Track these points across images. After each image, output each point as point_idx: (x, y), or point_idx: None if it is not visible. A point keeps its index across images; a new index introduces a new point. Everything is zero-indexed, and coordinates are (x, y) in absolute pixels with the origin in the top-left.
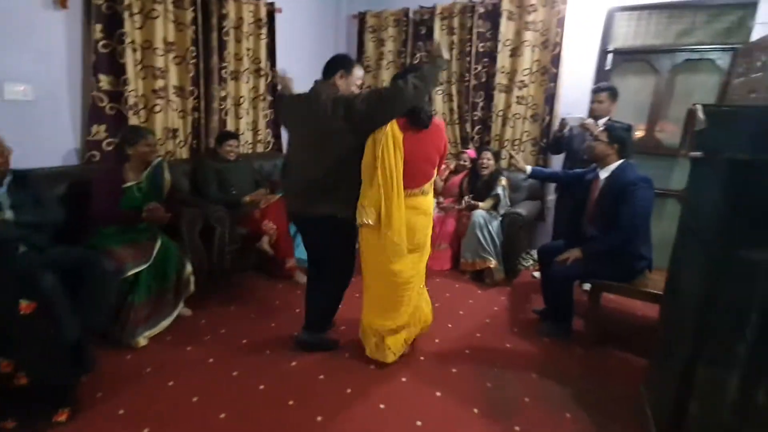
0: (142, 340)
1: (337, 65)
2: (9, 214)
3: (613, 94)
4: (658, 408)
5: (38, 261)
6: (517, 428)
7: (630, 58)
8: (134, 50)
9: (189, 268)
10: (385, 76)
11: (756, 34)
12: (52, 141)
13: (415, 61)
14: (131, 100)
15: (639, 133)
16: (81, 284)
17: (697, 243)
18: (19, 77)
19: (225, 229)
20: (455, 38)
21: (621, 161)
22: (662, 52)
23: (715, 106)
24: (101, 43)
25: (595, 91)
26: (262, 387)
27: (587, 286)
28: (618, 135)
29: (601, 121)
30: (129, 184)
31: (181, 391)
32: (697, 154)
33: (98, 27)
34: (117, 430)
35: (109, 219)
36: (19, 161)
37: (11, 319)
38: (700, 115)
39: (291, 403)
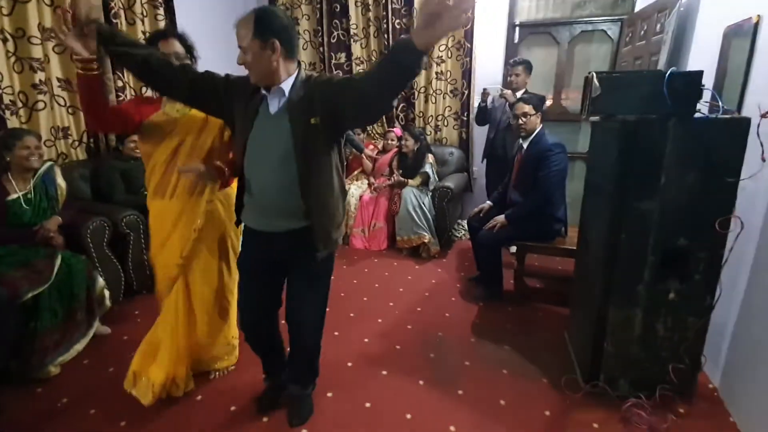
0: (54, 369)
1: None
2: None
3: (528, 67)
4: (579, 350)
5: None
6: (460, 392)
7: (534, 31)
8: (4, 41)
9: (101, 282)
10: (304, 58)
11: (639, 5)
12: None
13: (333, 41)
14: (6, 98)
15: (548, 102)
16: None
17: (600, 198)
18: None
19: (140, 235)
20: (371, 15)
21: (539, 129)
22: (561, 24)
23: (608, 73)
24: None
25: (512, 65)
26: (198, 398)
27: (513, 249)
28: (538, 103)
29: (519, 93)
30: (13, 196)
31: (106, 418)
32: (595, 118)
33: None
34: None
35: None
36: None
37: None
38: (596, 82)
39: (233, 408)
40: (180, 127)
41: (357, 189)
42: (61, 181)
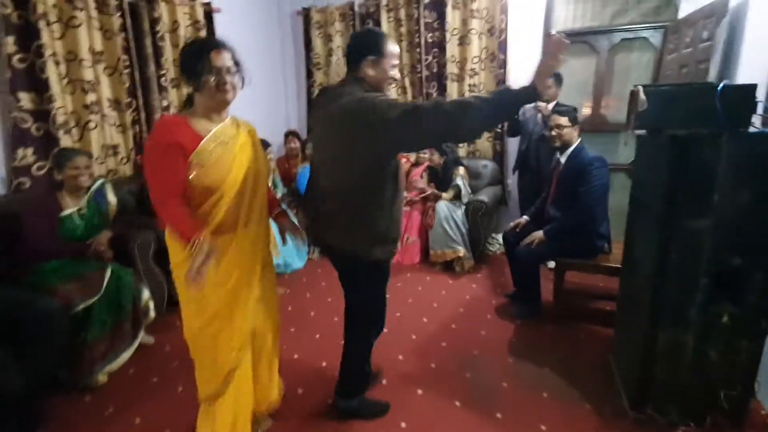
0: (102, 378)
1: (361, 48)
2: None
3: (559, 79)
4: (625, 375)
5: None
6: (498, 415)
7: (571, 40)
8: (57, 63)
9: (146, 294)
10: (336, 73)
11: (683, 12)
12: None
13: None
14: (60, 118)
15: (586, 111)
16: (22, 330)
17: (647, 216)
18: None
19: None
20: (403, 30)
21: (577, 143)
22: (600, 32)
23: (655, 86)
24: (16, 57)
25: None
26: None
27: (552, 265)
28: (574, 116)
29: (550, 105)
30: (67, 212)
31: (150, 428)
32: (642, 132)
33: (10, 40)
34: None
35: (46, 253)
36: None
37: None
38: (642, 96)
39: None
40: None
41: None
42: (111, 197)
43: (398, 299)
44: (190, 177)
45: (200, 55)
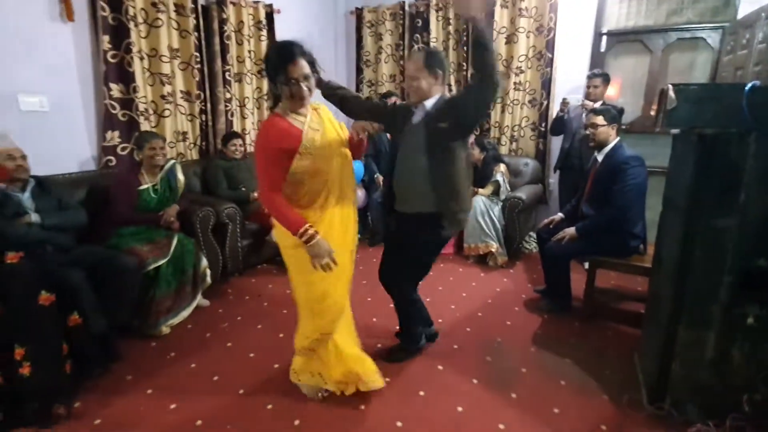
0: (165, 329)
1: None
2: (35, 218)
3: (606, 79)
4: (646, 369)
5: (65, 260)
6: (513, 395)
7: (623, 39)
8: (141, 59)
9: (204, 262)
10: (384, 71)
11: (742, 12)
12: (69, 148)
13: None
14: (141, 107)
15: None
16: (105, 281)
17: (674, 214)
18: (34, 89)
19: (236, 225)
20: (451, 28)
21: (615, 142)
22: (655, 32)
23: (684, 85)
24: (110, 53)
25: (590, 77)
26: (276, 365)
27: (587, 265)
28: (611, 114)
29: (597, 104)
30: (144, 186)
31: (203, 372)
32: (676, 131)
33: (105, 38)
34: (146, 406)
35: (126, 220)
36: (39, 169)
37: (30, 309)
38: (671, 94)
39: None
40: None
41: None
42: (181, 176)
43: (429, 286)
44: (306, 164)
45: (277, 67)
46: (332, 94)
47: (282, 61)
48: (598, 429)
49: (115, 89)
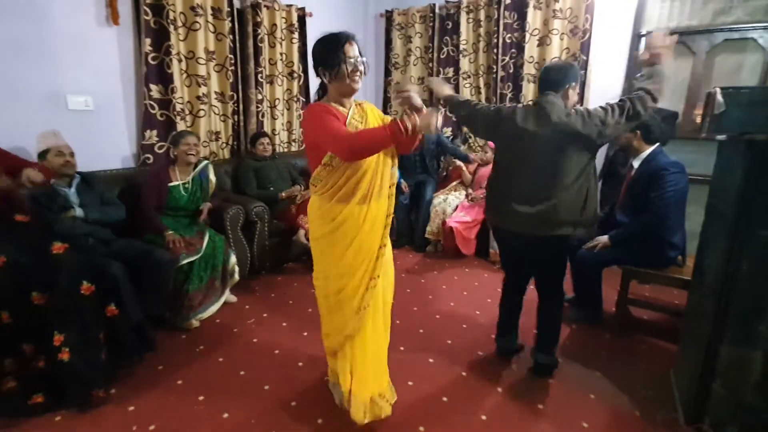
0: (195, 323)
1: (570, 76)
2: (79, 212)
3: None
4: (683, 387)
5: (106, 252)
6: (540, 407)
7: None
8: (180, 61)
9: (233, 259)
10: (413, 73)
11: None
12: (111, 146)
13: (442, 56)
14: (178, 107)
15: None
16: (141, 274)
17: (719, 224)
18: (81, 89)
19: (264, 224)
20: (482, 31)
21: (653, 148)
22: (699, 32)
23: (734, 88)
24: (150, 55)
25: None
26: (300, 364)
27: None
28: (640, 124)
29: None
30: (175, 183)
31: (230, 366)
32: (722, 136)
33: (147, 41)
34: (176, 397)
35: (154, 212)
36: (83, 165)
37: (72, 297)
38: (719, 98)
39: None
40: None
41: (455, 199)
42: (212, 176)
43: (454, 291)
44: None
45: (336, 47)
46: (455, 113)
47: (341, 40)
48: None
49: (155, 90)
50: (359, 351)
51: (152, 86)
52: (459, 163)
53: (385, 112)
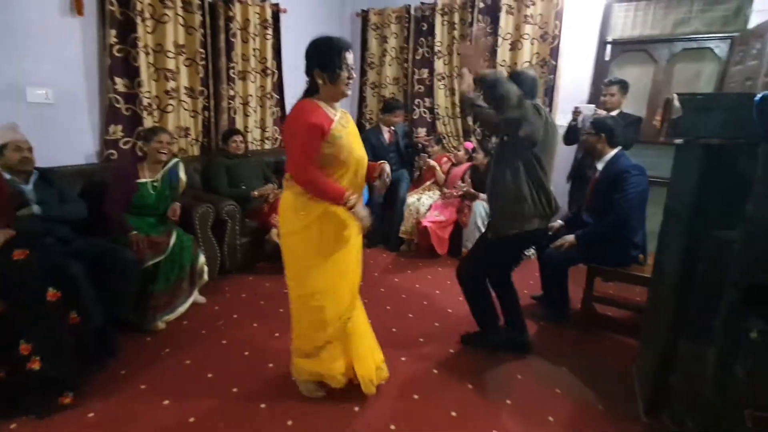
0: (161, 324)
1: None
2: (36, 209)
3: (624, 87)
4: (644, 381)
5: (65, 251)
6: (508, 402)
7: (628, 48)
8: (147, 53)
9: (202, 259)
10: (389, 73)
11: (753, 22)
12: (72, 141)
13: (417, 57)
14: (145, 101)
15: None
16: (103, 275)
17: (676, 225)
18: (40, 81)
19: (235, 223)
20: (456, 33)
21: (616, 151)
22: (660, 41)
23: (690, 94)
24: (116, 47)
25: (607, 85)
26: (271, 365)
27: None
28: (602, 125)
29: (614, 113)
30: (143, 180)
31: (197, 368)
32: (679, 141)
33: (112, 32)
34: (140, 402)
35: (119, 210)
36: (43, 160)
37: (38, 305)
38: (676, 103)
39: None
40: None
41: (428, 199)
42: (183, 175)
43: (427, 290)
44: (330, 151)
45: (339, 53)
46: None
47: (343, 46)
48: None
49: (120, 83)
50: (353, 336)
51: (117, 79)
52: (433, 163)
53: (360, 110)
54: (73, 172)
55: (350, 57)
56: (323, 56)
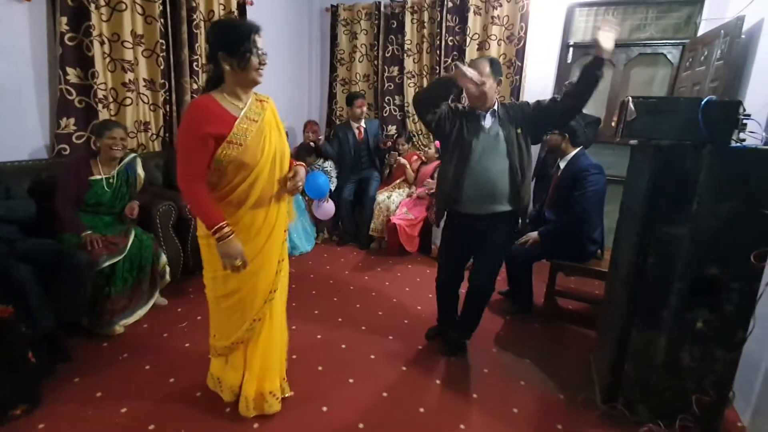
0: (119, 328)
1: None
2: None
3: None
4: (600, 371)
5: (10, 253)
6: (475, 396)
7: (589, 51)
8: (102, 43)
9: (164, 259)
10: (359, 70)
11: (702, 30)
12: (19, 135)
13: (387, 55)
14: (100, 93)
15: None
16: (55, 277)
17: (631, 221)
18: None
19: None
20: (425, 32)
21: (577, 150)
22: (618, 46)
23: (643, 98)
24: (67, 36)
25: (567, 87)
26: None
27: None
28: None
29: None
30: (96, 177)
31: (158, 374)
32: (634, 141)
33: (63, 20)
34: (95, 410)
35: (71, 208)
36: None
37: None
38: (631, 106)
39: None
40: (267, 130)
41: (398, 196)
42: (140, 171)
43: (397, 287)
44: (233, 153)
45: (247, 36)
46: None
47: (252, 29)
48: (554, 428)
49: (72, 74)
50: (251, 351)
51: (69, 69)
52: (403, 161)
53: (330, 107)
54: (20, 168)
55: (260, 41)
56: (230, 39)
